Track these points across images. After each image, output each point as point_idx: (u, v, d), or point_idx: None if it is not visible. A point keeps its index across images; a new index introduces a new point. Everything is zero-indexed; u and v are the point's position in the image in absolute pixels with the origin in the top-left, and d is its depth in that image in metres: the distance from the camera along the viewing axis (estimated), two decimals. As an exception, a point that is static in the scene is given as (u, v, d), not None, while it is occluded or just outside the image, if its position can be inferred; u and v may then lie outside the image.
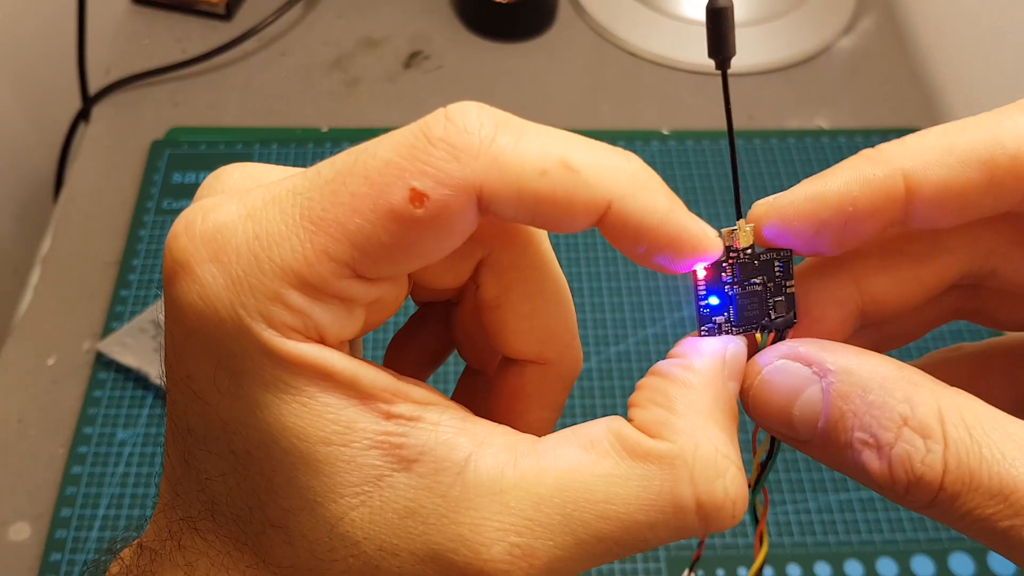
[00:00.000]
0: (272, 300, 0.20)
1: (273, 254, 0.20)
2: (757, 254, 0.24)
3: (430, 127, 0.20)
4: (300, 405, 0.20)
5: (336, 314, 0.21)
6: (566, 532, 0.21)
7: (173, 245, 0.21)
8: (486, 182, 0.20)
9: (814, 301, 0.25)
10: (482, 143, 0.20)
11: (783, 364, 0.23)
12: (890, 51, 0.82)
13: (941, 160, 0.22)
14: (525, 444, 0.22)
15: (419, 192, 0.20)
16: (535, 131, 0.21)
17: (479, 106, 0.21)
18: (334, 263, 0.20)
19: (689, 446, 0.21)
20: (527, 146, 0.20)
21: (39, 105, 0.97)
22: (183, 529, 0.22)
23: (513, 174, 0.20)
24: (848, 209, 0.22)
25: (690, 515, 0.21)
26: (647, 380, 0.23)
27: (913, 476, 0.20)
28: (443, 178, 0.20)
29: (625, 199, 0.21)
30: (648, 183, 0.21)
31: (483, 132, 0.20)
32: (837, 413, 0.22)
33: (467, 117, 0.20)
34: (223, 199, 0.21)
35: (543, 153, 0.20)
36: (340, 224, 0.20)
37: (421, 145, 0.20)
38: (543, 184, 0.20)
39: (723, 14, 0.24)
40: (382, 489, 0.21)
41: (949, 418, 0.20)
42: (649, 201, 0.21)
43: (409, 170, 0.20)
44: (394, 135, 0.21)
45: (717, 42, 0.24)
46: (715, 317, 0.24)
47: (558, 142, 0.21)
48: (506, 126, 0.20)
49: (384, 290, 0.22)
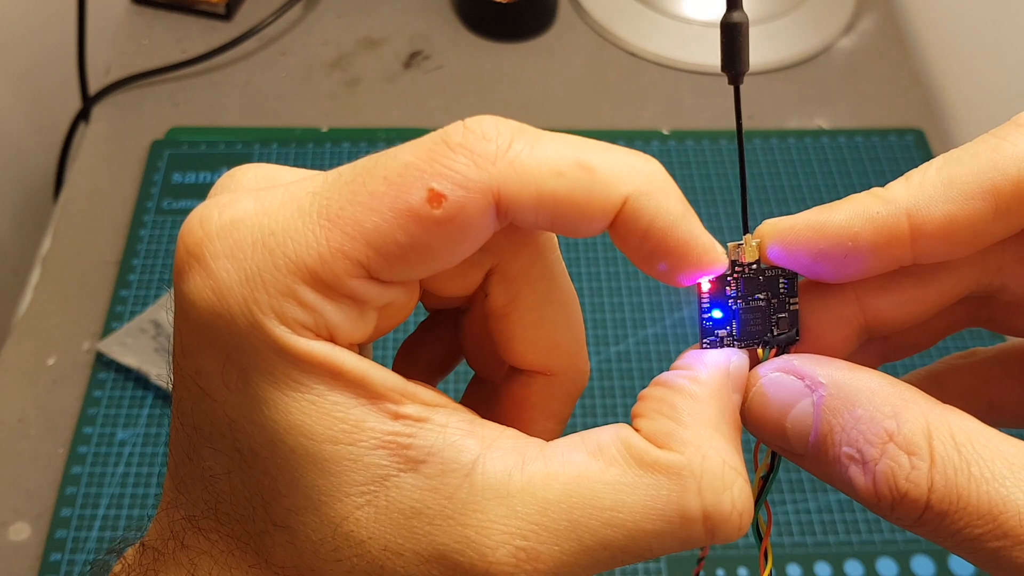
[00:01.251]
0: (285, 296, 0.20)
1: (288, 250, 0.20)
2: (762, 270, 0.24)
3: (449, 135, 0.21)
4: (308, 403, 0.20)
5: (348, 314, 0.21)
6: (572, 538, 0.21)
7: (188, 239, 0.21)
8: (504, 185, 0.20)
9: (816, 319, 0.25)
10: (499, 149, 0.21)
11: (777, 377, 0.23)
12: (890, 51, 0.82)
13: (944, 195, 0.22)
14: (533, 448, 0.22)
15: (437, 193, 0.20)
16: (550, 137, 0.21)
17: (496, 117, 0.21)
18: (349, 261, 0.20)
19: (697, 458, 0.21)
20: (543, 150, 0.21)
21: (39, 105, 0.97)
22: (186, 528, 0.22)
23: (530, 176, 0.20)
24: (848, 244, 0.22)
25: (696, 526, 0.21)
26: (651, 391, 0.23)
27: (897, 493, 0.20)
28: (462, 180, 0.20)
29: (640, 197, 0.21)
30: (664, 185, 0.22)
31: (500, 139, 0.21)
32: (826, 427, 0.22)
33: (485, 126, 0.21)
34: (239, 196, 0.21)
35: (558, 156, 0.21)
36: (357, 222, 0.20)
37: (441, 150, 0.20)
38: (560, 185, 0.21)
39: (738, 29, 0.24)
40: (388, 489, 0.21)
41: (937, 435, 0.20)
42: (663, 202, 0.21)
43: (428, 172, 0.20)
44: (414, 142, 0.21)
45: (731, 56, 0.24)
46: (718, 330, 0.24)
47: (573, 145, 0.21)
48: (522, 133, 0.21)
49: (396, 295, 0.22)
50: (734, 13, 0.24)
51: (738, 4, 0.24)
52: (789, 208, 0.70)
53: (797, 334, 0.25)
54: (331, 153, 0.73)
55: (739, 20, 0.24)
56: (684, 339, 0.64)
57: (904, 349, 0.27)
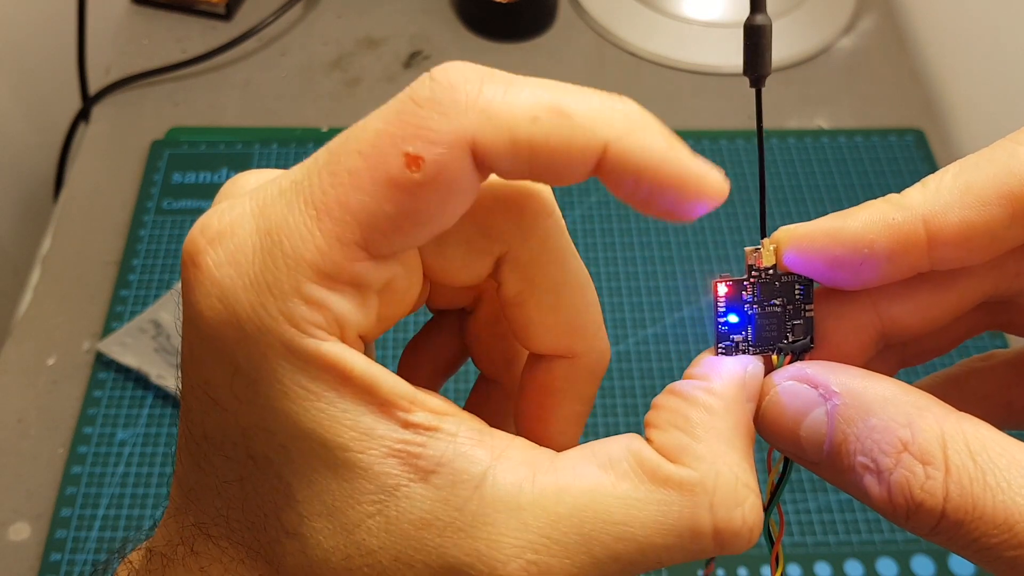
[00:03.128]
0: (291, 296, 0.20)
1: (286, 248, 0.20)
2: (779, 275, 0.24)
3: (415, 91, 0.20)
4: (319, 410, 0.20)
5: (353, 301, 0.20)
6: (583, 552, 0.21)
7: (190, 248, 0.21)
8: (478, 134, 0.20)
9: (832, 326, 0.24)
10: (468, 96, 0.20)
11: (791, 386, 0.23)
12: (890, 51, 0.82)
13: (960, 201, 0.22)
14: (543, 460, 0.22)
15: (414, 156, 0.19)
16: (523, 81, 0.20)
17: (463, 64, 0.20)
18: (345, 247, 0.20)
19: (710, 474, 0.21)
20: (515, 95, 0.20)
21: (39, 105, 0.97)
22: (196, 535, 0.22)
23: (504, 123, 0.20)
24: (864, 251, 0.22)
25: (707, 540, 0.21)
26: (665, 400, 0.23)
27: (912, 502, 0.20)
28: (434, 137, 0.19)
29: (621, 139, 0.20)
30: (643, 122, 0.21)
31: (469, 87, 0.20)
32: (840, 436, 0.22)
33: (451, 75, 0.20)
34: (237, 200, 0.21)
35: (533, 101, 0.20)
36: (342, 203, 0.20)
37: (409, 110, 0.20)
38: (536, 131, 0.20)
39: (761, 31, 0.23)
40: (399, 499, 0.20)
41: (952, 444, 0.20)
42: (647, 140, 0.21)
43: (400, 135, 0.20)
44: (382, 107, 0.20)
45: (754, 59, 0.23)
46: (733, 335, 0.24)
47: (547, 89, 0.20)
48: (492, 78, 0.20)
49: (395, 271, 0.21)
50: (758, 15, 0.23)
51: (762, 6, 0.23)
52: (789, 208, 0.70)
53: (812, 341, 0.24)
54: (331, 153, 0.73)
55: (763, 23, 0.23)
56: (684, 339, 0.64)
57: (922, 354, 0.27)
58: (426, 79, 0.20)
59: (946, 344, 0.26)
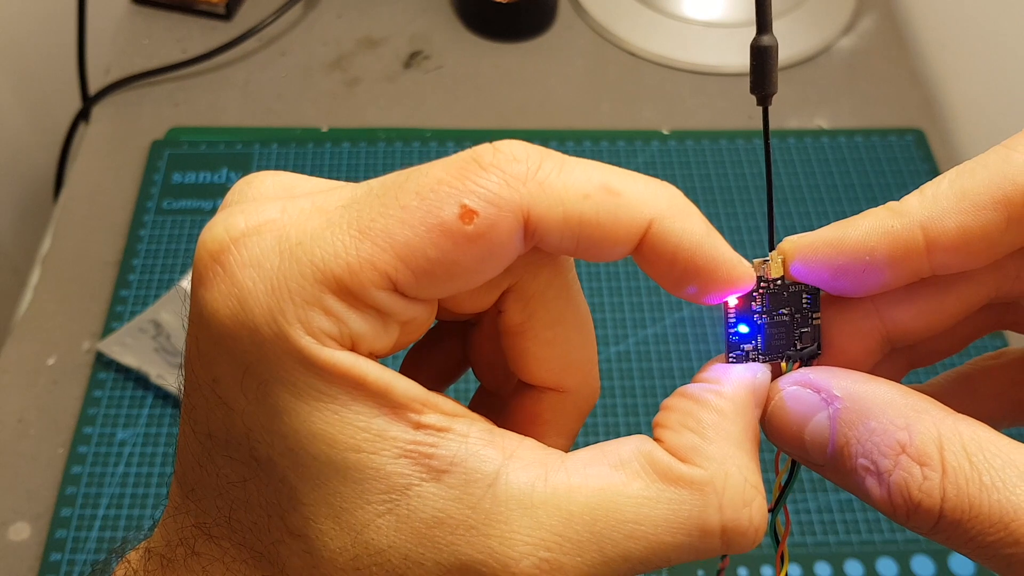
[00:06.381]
0: (311, 305, 0.20)
1: (315, 258, 0.20)
2: (786, 285, 0.25)
3: (479, 154, 0.21)
4: (331, 412, 0.20)
5: (372, 325, 0.21)
6: (594, 550, 0.21)
7: (211, 245, 0.21)
8: (534, 206, 0.21)
9: (839, 333, 0.25)
10: (529, 170, 0.21)
11: (795, 391, 0.23)
12: (890, 51, 0.82)
13: (957, 207, 0.22)
14: (555, 459, 0.22)
15: (470, 209, 0.20)
16: (576, 161, 0.22)
17: (524, 142, 0.22)
18: (377, 273, 0.20)
19: (720, 474, 0.22)
20: (570, 173, 0.21)
21: (39, 105, 0.97)
22: (196, 536, 0.22)
23: (559, 198, 0.21)
24: (865, 258, 0.23)
25: (714, 539, 0.22)
26: (676, 402, 0.23)
27: (911, 503, 0.21)
28: (493, 198, 0.20)
29: (664, 220, 0.22)
30: (686, 208, 0.22)
31: (530, 161, 0.21)
32: (842, 439, 0.22)
33: (515, 148, 0.21)
34: (265, 204, 0.21)
35: (586, 179, 0.21)
36: (388, 234, 0.20)
37: (473, 168, 0.21)
38: (587, 207, 0.21)
39: (768, 52, 0.24)
40: (410, 498, 0.21)
41: (948, 445, 0.21)
42: (688, 224, 0.22)
43: (461, 188, 0.20)
44: (444, 159, 0.21)
45: (761, 79, 0.24)
46: (744, 345, 0.25)
47: (599, 170, 0.22)
48: (550, 157, 0.22)
49: (418, 312, 0.22)
50: (764, 36, 0.24)
51: (768, 27, 0.24)
52: (789, 208, 0.70)
53: (819, 348, 0.25)
54: (331, 153, 0.73)
55: (769, 44, 0.24)
56: (684, 339, 0.64)
57: (930, 356, 0.27)
58: (490, 147, 0.21)
59: (954, 345, 0.27)
